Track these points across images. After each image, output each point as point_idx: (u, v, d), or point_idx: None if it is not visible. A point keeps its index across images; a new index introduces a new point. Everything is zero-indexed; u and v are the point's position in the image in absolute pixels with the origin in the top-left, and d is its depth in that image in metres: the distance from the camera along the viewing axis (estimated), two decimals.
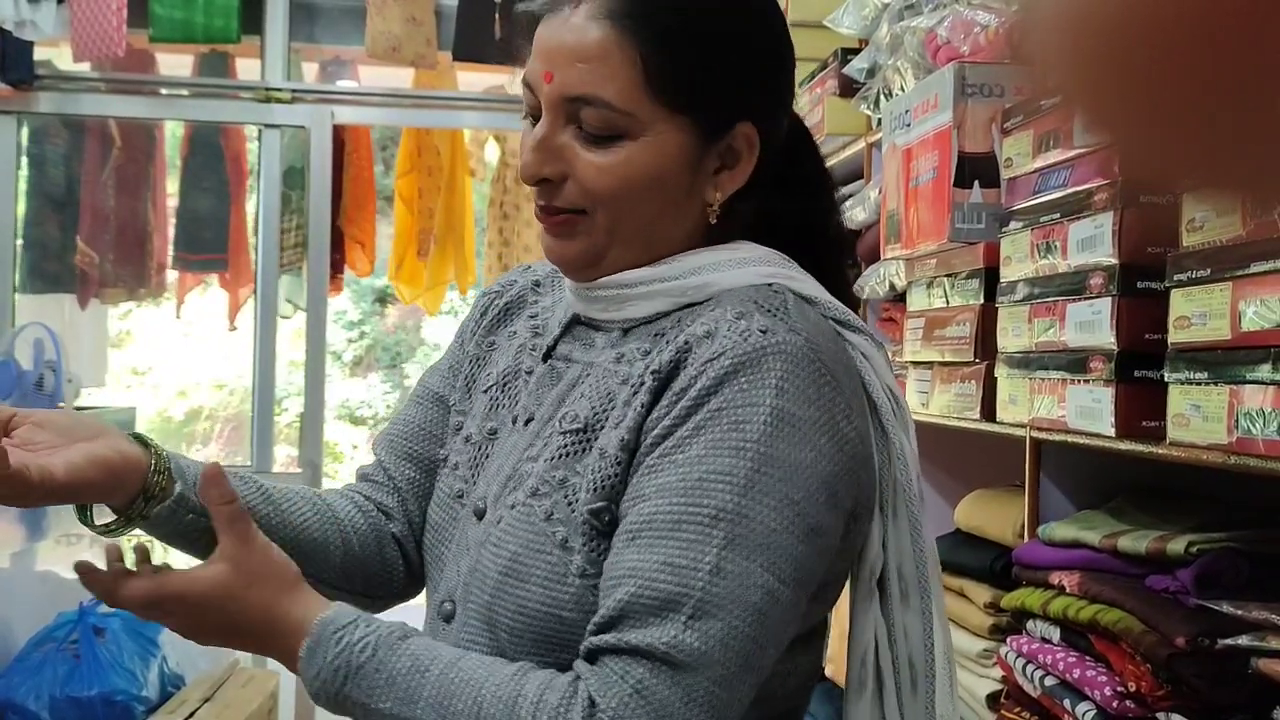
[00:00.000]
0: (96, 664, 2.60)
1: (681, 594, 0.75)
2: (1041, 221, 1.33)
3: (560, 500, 0.83)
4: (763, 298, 0.83)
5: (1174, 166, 0.34)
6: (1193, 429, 1.06)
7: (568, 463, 0.84)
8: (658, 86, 0.83)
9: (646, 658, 0.75)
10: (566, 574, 0.81)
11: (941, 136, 1.51)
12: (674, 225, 0.88)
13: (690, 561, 0.76)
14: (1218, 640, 1.08)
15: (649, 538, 0.77)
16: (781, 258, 0.90)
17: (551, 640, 0.82)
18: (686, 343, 0.82)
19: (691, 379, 0.80)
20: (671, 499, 0.77)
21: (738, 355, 0.79)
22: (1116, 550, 1.24)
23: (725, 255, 0.88)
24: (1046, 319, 1.31)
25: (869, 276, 1.91)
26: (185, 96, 3.70)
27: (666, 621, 0.75)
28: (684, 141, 0.85)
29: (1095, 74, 0.32)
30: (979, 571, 1.54)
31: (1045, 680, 1.28)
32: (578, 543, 0.82)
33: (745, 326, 0.80)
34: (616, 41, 0.82)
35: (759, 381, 0.78)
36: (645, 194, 0.86)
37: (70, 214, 3.85)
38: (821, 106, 2.06)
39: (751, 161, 0.87)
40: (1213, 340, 1.03)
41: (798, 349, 0.80)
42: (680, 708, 0.74)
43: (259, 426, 3.64)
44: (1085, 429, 1.24)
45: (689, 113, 0.84)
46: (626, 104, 0.83)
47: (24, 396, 3.01)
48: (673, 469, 0.78)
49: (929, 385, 1.66)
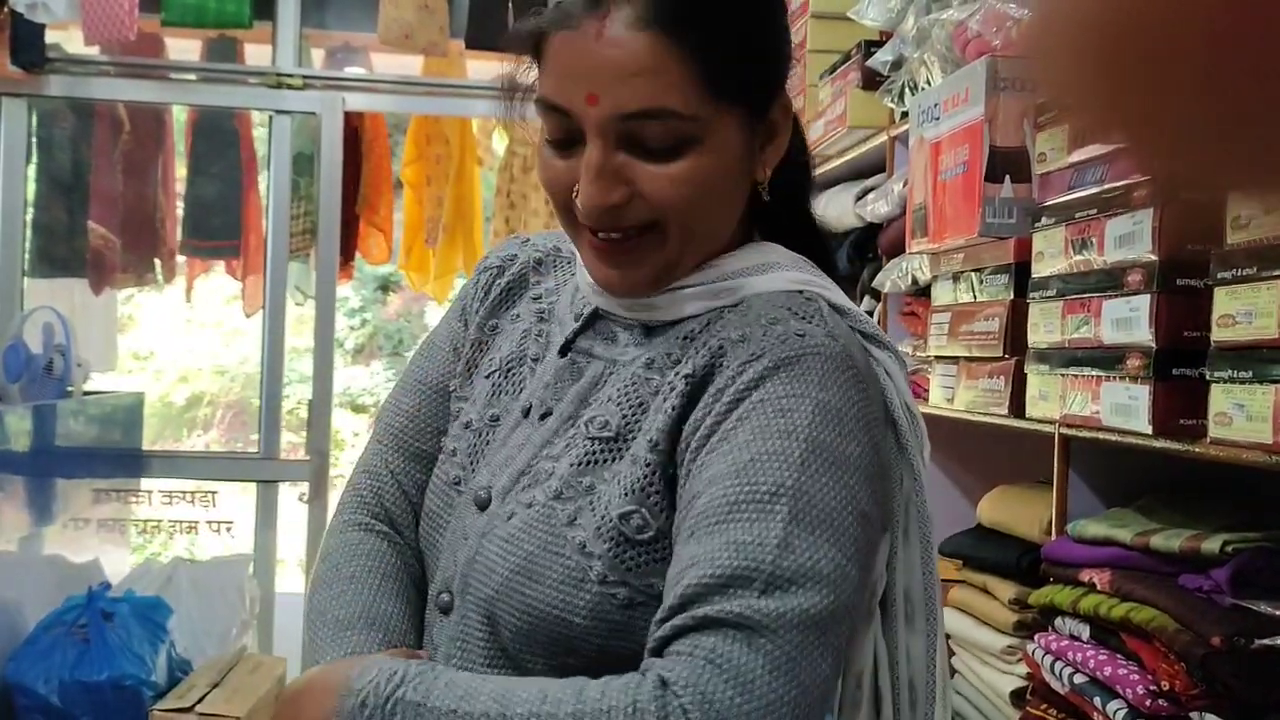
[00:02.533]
0: (105, 648, 2.60)
1: (750, 569, 0.71)
2: (1076, 217, 1.32)
3: (585, 506, 0.81)
4: (796, 305, 0.82)
5: (1192, 168, 0.34)
6: (1235, 428, 1.05)
7: (596, 470, 0.82)
8: (715, 86, 0.80)
9: (718, 626, 0.70)
10: (585, 579, 0.79)
11: (973, 130, 1.50)
12: (732, 219, 0.87)
13: (755, 537, 0.72)
14: (1254, 640, 1.07)
15: (708, 525, 0.74)
16: (808, 264, 0.89)
17: (558, 644, 0.79)
18: (721, 347, 0.80)
19: (730, 379, 0.78)
20: (725, 485, 0.74)
21: (777, 356, 0.78)
22: (1149, 548, 1.24)
23: (756, 259, 0.87)
24: (1080, 315, 1.31)
25: (890, 270, 1.90)
26: (196, 81, 3.68)
27: (737, 595, 0.70)
28: (739, 132, 0.83)
29: (1103, 79, 0.32)
30: (1004, 567, 1.54)
31: (1074, 678, 1.28)
32: (600, 548, 0.79)
33: (782, 330, 0.79)
34: (666, 48, 0.78)
35: (801, 377, 0.77)
36: (719, 196, 0.84)
37: (78, 198, 3.83)
38: (844, 99, 2.05)
39: (788, 129, 0.86)
40: (1258, 339, 1.02)
41: (835, 352, 0.79)
42: (762, 673, 0.68)
43: (267, 413, 3.63)
44: (1120, 426, 1.23)
45: (741, 102, 0.82)
46: (694, 109, 0.79)
47: (33, 380, 3.00)
48: (720, 459, 0.76)
49: (954, 380, 1.65)
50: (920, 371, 1.86)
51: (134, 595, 2.83)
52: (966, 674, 1.62)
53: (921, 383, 1.84)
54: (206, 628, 3.05)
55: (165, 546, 5.80)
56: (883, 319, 1.98)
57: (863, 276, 2.07)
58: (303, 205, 3.75)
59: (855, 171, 2.19)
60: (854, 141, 2.10)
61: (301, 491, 3.60)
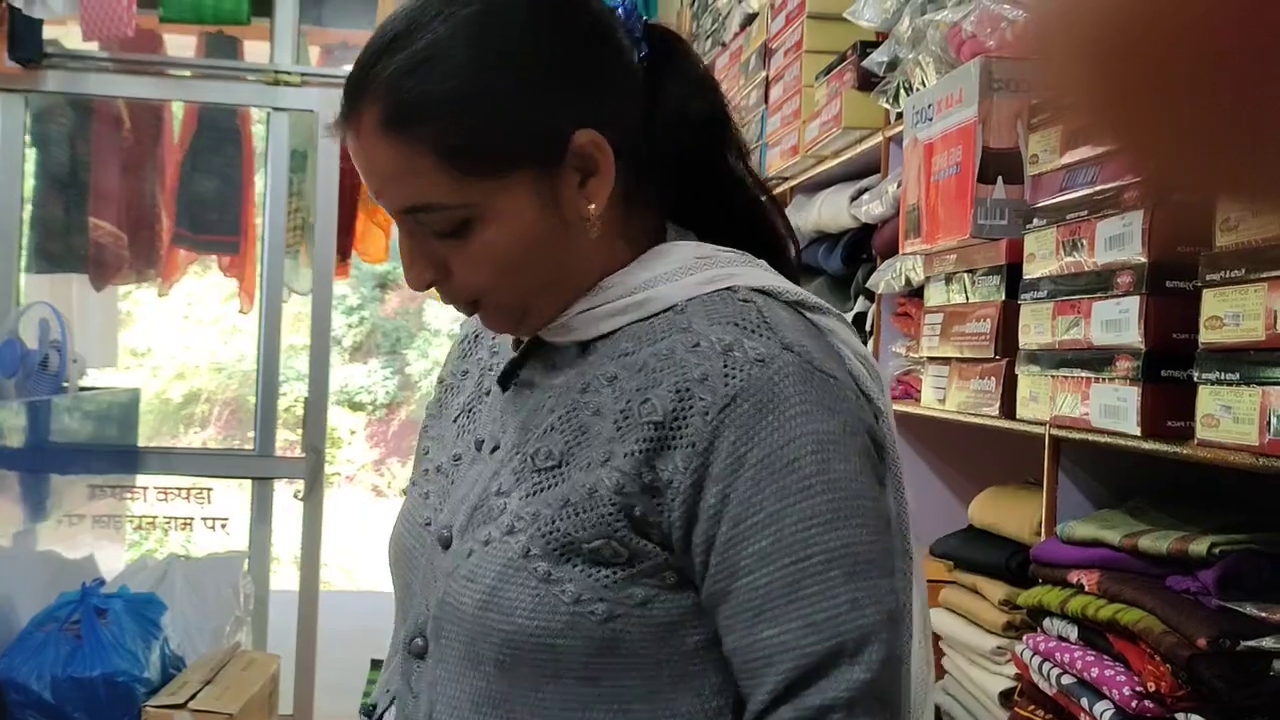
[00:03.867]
0: (98, 645, 2.60)
1: (836, 645, 0.79)
2: (1068, 218, 1.32)
3: (536, 536, 0.82)
4: (734, 313, 0.82)
5: (1191, 174, 0.34)
6: (1222, 430, 1.05)
7: (543, 498, 0.83)
8: (469, 168, 0.80)
9: (833, 710, 0.78)
10: (558, 604, 0.80)
11: (965, 131, 1.50)
12: (577, 258, 0.86)
13: (829, 613, 0.79)
14: (1240, 642, 1.07)
15: (777, 608, 0.79)
16: (711, 249, 0.89)
17: (543, 668, 0.81)
18: (687, 388, 0.79)
19: (712, 431, 0.79)
20: (777, 564, 0.79)
21: (751, 396, 0.79)
22: (1137, 550, 1.24)
23: (661, 269, 0.86)
24: (1071, 316, 1.31)
25: (885, 271, 1.90)
26: (193, 78, 3.68)
27: (835, 673, 0.79)
28: (529, 192, 0.82)
29: (1103, 82, 0.32)
30: (994, 568, 1.54)
31: (1062, 678, 1.28)
32: (564, 572, 0.81)
33: (740, 358, 0.80)
34: (405, 150, 0.80)
35: (784, 413, 0.79)
36: (526, 259, 0.84)
37: (75, 194, 3.84)
38: (839, 99, 2.05)
39: (609, 158, 0.84)
40: (1246, 341, 1.02)
41: (798, 368, 0.81)
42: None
43: (263, 410, 3.63)
44: (1109, 428, 1.24)
45: (514, 167, 0.81)
46: (454, 199, 0.81)
47: (29, 376, 3.01)
48: (759, 534, 0.79)
49: (946, 381, 1.65)
50: (913, 372, 1.87)
51: (128, 592, 2.84)
52: (956, 674, 1.62)
53: (914, 383, 1.84)
54: (200, 624, 3.05)
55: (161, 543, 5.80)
56: (877, 320, 1.99)
57: (857, 277, 2.07)
58: (294, 202, 3.75)
59: (850, 172, 2.19)
60: (849, 142, 2.10)
61: (297, 489, 3.61)
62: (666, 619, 0.82)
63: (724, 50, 2.98)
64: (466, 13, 0.81)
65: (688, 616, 0.82)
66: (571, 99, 0.83)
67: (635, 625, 0.81)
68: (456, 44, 0.80)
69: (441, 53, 0.80)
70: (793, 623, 0.79)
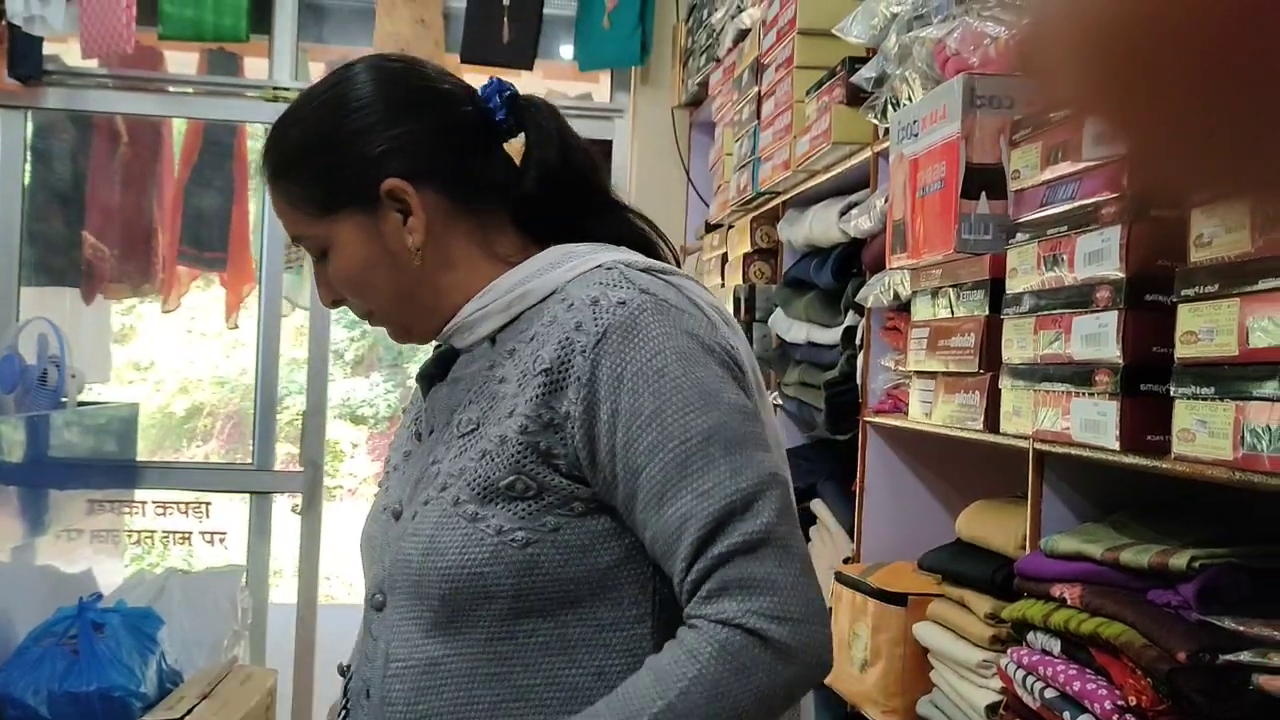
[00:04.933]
0: (95, 660, 2.61)
1: (727, 506, 0.92)
2: (1049, 234, 1.33)
3: (463, 486, 0.97)
4: (600, 278, 1.00)
5: (1187, 173, 0.34)
6: (1198, 444, 1.06)
7: (466, 455, 0.99)
8: (309, 209, 1.06)
9: (730, 558, 0.91)
10: (483, 538, 0.95)
11: (949, 147, 1.51)
12: (421, 279, 1.06)
13: (714, 481, 0.92)
14: (1219, 656, 1.08)
15: (673, 488, 0.93)
16: (571, 247, 1.06)
17: (478, 594, 0.95)
18: (567, 338, 0.96)
19: (591, 363, 0.95)
20: (665, 451, 0.93)
21: (618, 329, 0.95)
22: (1119, 563, 1.24)
23: (535, 267, 1.04)
24: (1052, 331, 1.31)
25: (873, 285, 1.91)
26: (193, 94, 3.70)
27: (731, 528, 0.92)
28: (355, 227, 1.05)
29: (1108, 80, 0.32)
30: (980, 582, 1.54)
31: (1045, 692, 1.28)
32: (489, 510, 0.96)
33: (605, 304, 0.97)
34: (278, 194, 1.08)
35: (648, 335, 0.95)
36: (367, 280, 1.06)
37: (74, 209, 3.85)
38: (829, 115, 2.07)
39: (419, 200, 1.04)
40: (1220, 356, 1.03)
41: (654, 303, 0.97)
42: (776, 569, 0.92)
43: (261, 424, 3.64)
44: (1090, 442, 1.24)
45: (340, 207, 1.04)
46: (309, 231, 1.06)
47: (27, 391, 3.02)
48: (646, 431, 0.94)
49: (932, 395, 1.66)
50: (901, 386, 1.87)
51: (125, 606, 2.84)
52: (943, 687, 1.63)
53: (902, 397, 1.85)
54: (198, 639, 3.05)
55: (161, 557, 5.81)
56: (866, 333, 1.99)
57: (847, 291, 2.08)
58: None
59: (841, 187, 2.20)
60: (839, 157, 2.11)
61: (295, 503, 3.61)
62: (576, 542, 0.96)
63: (718, 66, 3.00)
64: (326, 93, 1.07)
65: (596, 539, 0.97)
66: (383, 158, 1.04)
67: (549, 549, 0.95)
68: (310, 114, 1.07)
69: (300, 119, 1.07)
70: (687, 495, 0.92)
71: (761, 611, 0.90)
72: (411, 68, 1.10)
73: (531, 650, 0.96)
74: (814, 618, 0.93)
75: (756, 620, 0.90)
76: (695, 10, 3.34)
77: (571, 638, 0.96)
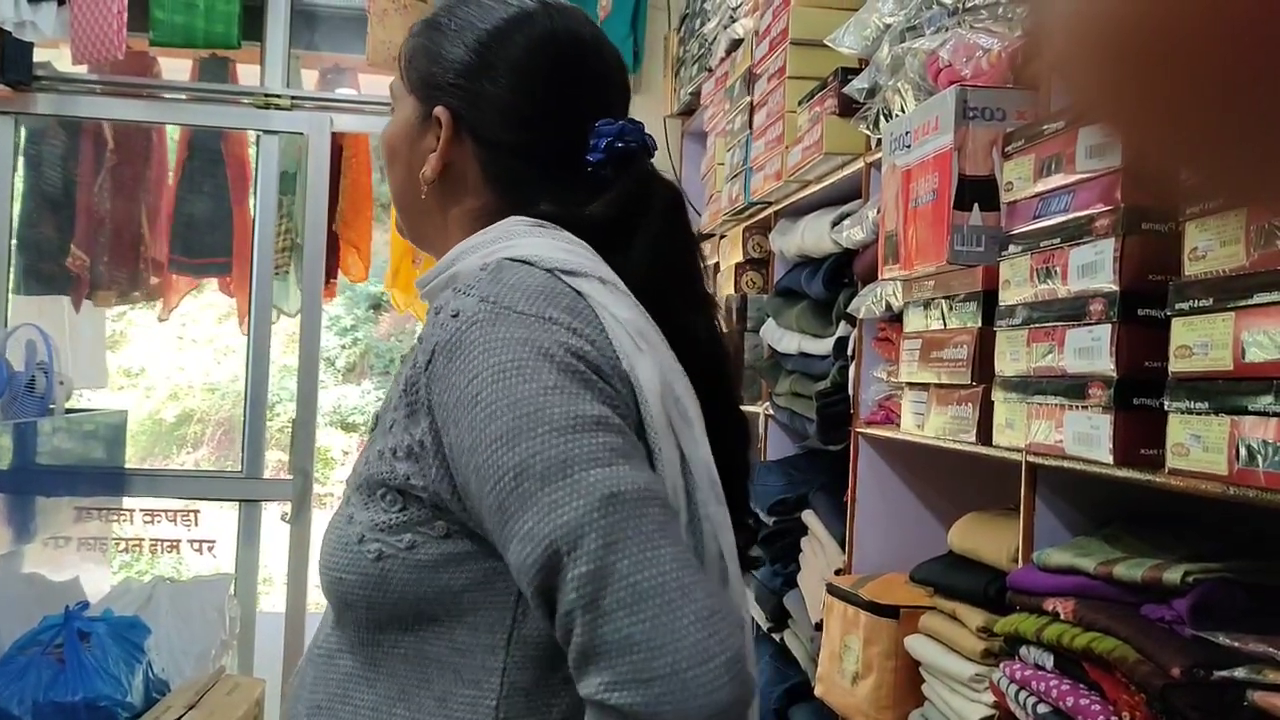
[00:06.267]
0: (81, 669, 2.59)
1: (549, 549, 0.81)
2: (1042, 246, 1.32)
3: (353, 483, 0.95)
4: (470, 280, 0.92)
5: (1197, 179, 0.33)
6: (1192, 459, 1.05)
7: (363, 456, 0.97)
8: (402, 68, 1.09)
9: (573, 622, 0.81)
10: (348, 544, 0.92)
11: (942, 159, 1.51)
12: (414, 200, 1.07)
13: (532, 523, 0.82)
14: (1213, 672, 1.07)
15: (501, 532, 0.85)
16: (528, 223, 0.99)
17: (343, 602, 0.93)
18: (417, 357, 0.91)
19: (426, 389, 0.89)
20: (485, 492, 0.85)
21: (444, 348, 0.88)
22: (1112, 578, 1.24)
23: (476, 240, 0.99)
24: (1045, 344, 1.31)
25: (865, 296, 1.90)
26: (184, 101, 3.69)
27: (561, 577, 0.81)
28: (411, 111, 1.07)
29: (1112, 78, 0.32)
30: (973, 595, 1.53)
31: (1038, 707, 1.27)
32: (361, 516, 0.92)
33: (441, 317, 0.90)
34: None
35: (468, 355, 0.87)
36: (391, 159, 1.09)
37: (66, 215, 3.84)
38: (820, 125, 2.06)
39: (444, 142, 1.04)
40: (1214, 370, 1.02)
41: (488, 313, 0.88)
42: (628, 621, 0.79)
43: (251, 431, 3.62)
44: (1083, 455, 1.24)
45: (412, 90, 1.07)
46: (398, 84, 1.10)
47: (15, 398, 3.00)
48: (467, 469, 0.86)
49: (925, 406, 1.65)
50: (894, 397, 1.87)
51: (112, 615, 2.82)
52: (936, 702, 1.62)
53: (894, 408, 1.84)
54: (185, 648, 3.03)
55: (150, 565, 5.77)
56: (859, 344, 1.99)
57: (839, 302, 2.07)
58: (283, 223, 3.75)
59: (833, 197, 2.19)
60: (831, 168, 2.11)
61: (284, 511, 3.59)
62: (429, 561, 0.90)
63: (710, 76, 3.00)
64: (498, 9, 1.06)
65: (451, 561, 0.90)
66: (459, 91, 1.04)
67: (399, 565, 0.90)
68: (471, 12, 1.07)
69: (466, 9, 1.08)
70: (512, 542, 0.83)
71: (619, 682, 0.79)
72: (566, 55, 1.06)
73: (394, 660, 0.93)
74: (689, 664, 0.79)
75: (617, 694, 0.79)
76: (687, 20, 3.34)
77: (430, 655, 0.92)
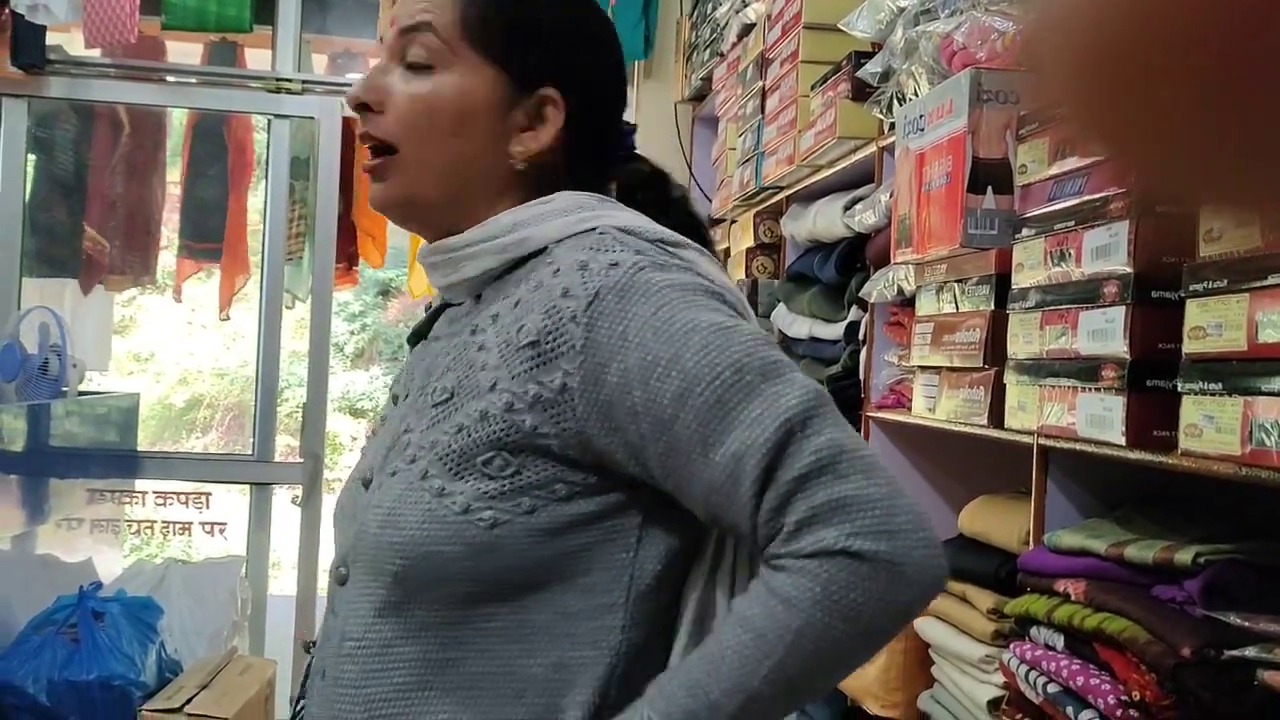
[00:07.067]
0: (95, 648, 2.61)
1: (785, 426, 0.80)
2: (1055, 229, 1.33)
3: (434, 459, 0.89)
4: (591, 243, 0.90)
5: (1181, 182, 0.33)
6: (1205, 440, 1.06)
7: (440, 428, 0.91)
8: (472, 33, 0.95)
9: (806, 484, 0.79)
10: (446, 514, 0.87)
11: (956, 142, 1.51)
12: (481, 172, 0.96)
13: (762, 407, 0.81)
14: (1224, 651, 1.08)
15: (715, 429, 0.82)
16: (595, 198, 0.97)
17: (434, 575, 0.87)
18: (553, 305, 0.87)
19: (585, 328, 0.85)
20: (696, 395, 0.82)
21: (611, 289, 0.86)
22: (1123, 559, 1.24)
23: (540, 209, 0.95)
24: (1058, 326, 1.31)
25: (877, 280, 1.91)
26: (195, 85, 3.70)
27: (795, 448, 0.80)
28: (492, 88, 0.95)
29: (1098, 88, 0.32)
30: (983, 577, 1.54)
31: (1048, 687, 1.28)
32: (458, 486, 0.87)
33: (596, 267, 0.87)
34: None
35: (647, 290, 0.86)
36: (449, 128, 0.95)
37: (77, 199, 3.85)
38: (834, 109, 2.06)
39: (555, 125, 0.96)
40: (1228, 351, 1.02)
41: (650, 262, 0.88)
42: (867, 484, 0.79)
43: (261, 416, 3.64)
44: (1095, 437, 1.24)
45: (498, 64, 0.95)
46: (446, 33, 0.94)
47: (28, 380, 3.02)
48: (667, 380, 0.83)
49: (936, 390, 1.66)
50: (905, 381, 1.87)
51: (125, 595, 2.84)
52: (945, 683, 1.63)
53: (906, 392, 1.84)
54: (198, 629, 3.05)
55: (161, 548, 5.80)
56: (870, 328, 1.99)
57: (851, 286, 2.08)
58: (297, 209, 3.75)
59: (845, 181, 2.20)
60: (844, 152, 2.11)
61: (295, 494, 3.61)
62: (550, 525, 0.87)
63: (722, 60, 2.99)
64: None
65: (572, 524, 0.88)
66: (568, 69, 0.97)
67: (519, 530, 0.86)
68: None
69: None
70: (735, 429, 0.81)
71: (864, 531, 0.78)
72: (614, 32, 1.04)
73: (488, 636, 0.88)
74: (922, 526, 0.80)
75: (862, 542, 0.78)
76: (699, 4, 3.33)
77: (532, 625, 0.88)
